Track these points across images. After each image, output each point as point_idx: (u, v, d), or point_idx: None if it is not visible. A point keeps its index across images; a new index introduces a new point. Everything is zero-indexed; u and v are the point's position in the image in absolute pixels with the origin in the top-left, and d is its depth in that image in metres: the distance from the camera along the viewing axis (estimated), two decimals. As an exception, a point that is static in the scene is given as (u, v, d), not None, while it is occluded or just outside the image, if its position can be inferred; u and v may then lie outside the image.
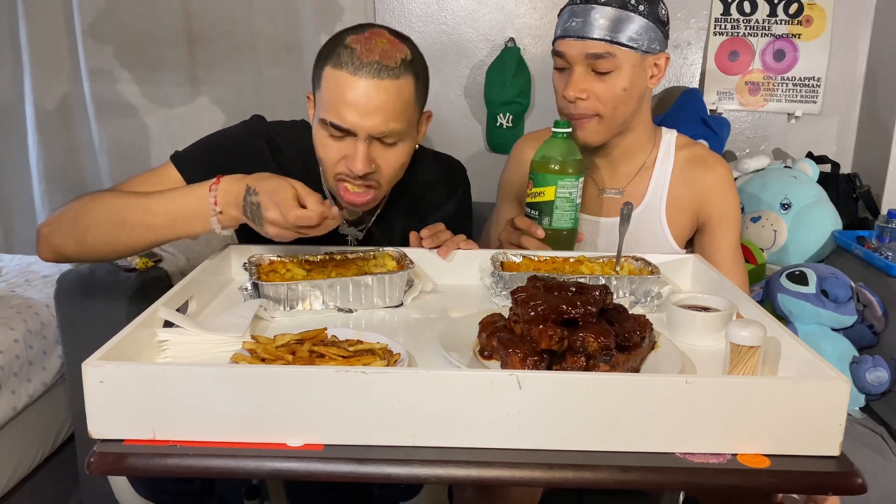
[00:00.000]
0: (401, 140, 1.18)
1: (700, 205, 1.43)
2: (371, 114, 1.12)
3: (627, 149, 1.43)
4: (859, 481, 0.76)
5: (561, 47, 1.32)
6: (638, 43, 1.29)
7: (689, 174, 1.43)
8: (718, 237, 1.43)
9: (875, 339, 1.68)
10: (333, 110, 1.13)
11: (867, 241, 1.87)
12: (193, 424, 0.77)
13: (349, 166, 1.16)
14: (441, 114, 2.23)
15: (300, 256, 1.20)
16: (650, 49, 1.31)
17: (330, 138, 1.17)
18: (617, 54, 1.28)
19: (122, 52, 2.22)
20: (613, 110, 1.32)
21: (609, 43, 1.28)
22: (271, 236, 1.07)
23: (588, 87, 1.31)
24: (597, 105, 1.32)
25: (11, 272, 2.11)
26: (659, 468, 0.77)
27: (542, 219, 1.29)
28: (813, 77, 2.19)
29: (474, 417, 0.77)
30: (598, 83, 1.30)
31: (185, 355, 0.91)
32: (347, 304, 1.11)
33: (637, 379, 0.80)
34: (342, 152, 1.17)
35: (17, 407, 1.70)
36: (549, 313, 0.89)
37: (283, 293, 1.08)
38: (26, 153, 2.31)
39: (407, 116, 1.17)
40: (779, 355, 0.94)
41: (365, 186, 1.20)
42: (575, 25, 1.29)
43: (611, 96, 1.31)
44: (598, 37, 1.27)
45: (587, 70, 1.30)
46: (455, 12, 2.19)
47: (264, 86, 2.23)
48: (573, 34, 1.29)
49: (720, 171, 1.43)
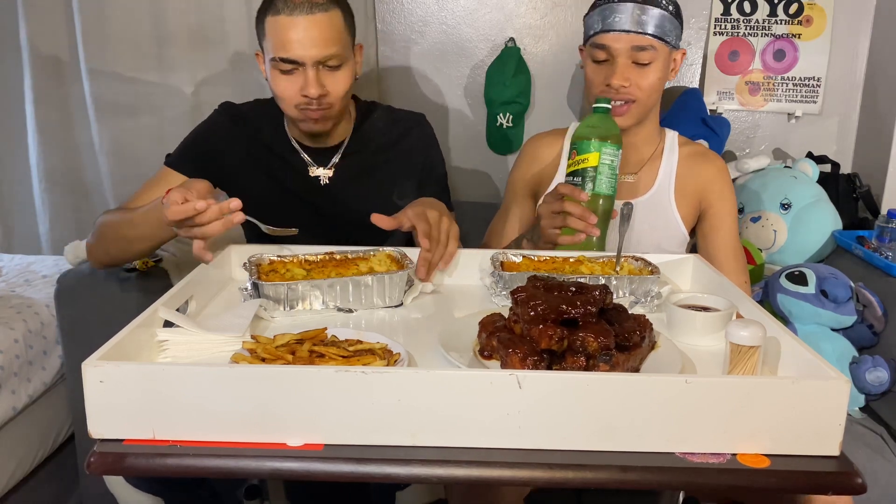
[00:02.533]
0: (343, 63, 1.36)
1: (703, 193, 1.56)
2: (313, 43, 1.30)
3: (643, 137, 1.55)
4: (859, 481, 0.76)
5: (604, 41, 1.44)
6: (669, 37, 1.45)
7: (693, 166, 1.56)
8: (718, 221, 1.55)
9: (875, 339, 1.68)
10: (281, 48, 1.31)
11: (867, 241, 1.87)
12: (193, 424, 0.77)
13: (304, 93, 1.34)
14: (441, 113, 2.23)
15: (300, 256, 1.21)
16: (676, 44, 1.48)
17: (282, 76, 1.34)
18: (657, 47, 1.43)
19: (122, 52, 2.21)
20: (648, 97, 1.46)
21: (652, 37, 1.42)
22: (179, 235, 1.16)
23: (630, 77, 1.43)
24: (636, 92, 1.44)
25: (11, 272, 2.11)
26: (659, 468, 0.77)
27: (584, 185, 1.33)
28: (813, 77, 2.19)
29: (474, 417, 0.77)
30: (638, 73, 1.44)
31: (185, 355, 0.91)
32: (347, 303, 1.12)
33: (637, 379, 0.80)
34: (296, 84, 1.34)
35: (17, 407, 1.70)
36: (549, 313, 0.89)
37: (282, 293, 1.08)
38: (26, 153, 2.31)
39: (342, 41, 1.35)
40: (779, 355, 0.94)
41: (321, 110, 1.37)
42: (619, 20, 1.42)
43: (649, 84, 1.45)
44: (643, 31, 1.41)
45: (629, 61, 1.43)
46: (455, 12, 2.19)
47: (264, 85, 2.22)
48: (618, 28, 1.42)
49: (719, 164, 1.58)
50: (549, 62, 2.20)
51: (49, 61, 2.23)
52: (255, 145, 1.50)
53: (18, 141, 2.32)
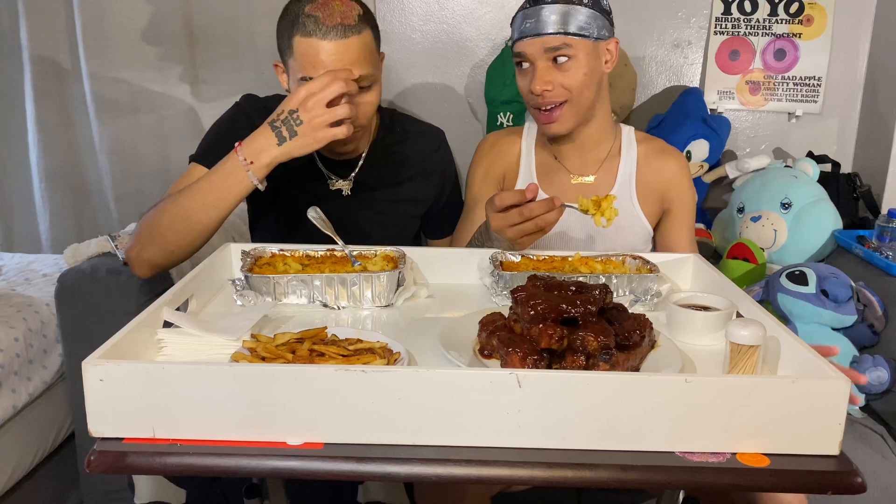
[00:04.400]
0: (373, 83, 1.33)
1: (664, 191, 1.54)
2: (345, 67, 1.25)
3: (594, 136, 1.52)
4: (859, 480, 0.76)
5: (520, 48, 1.42)
6: (588, 31, 1.39)
7: (654, 163, 1.54)
8: (679, 221, 1.55)
9: (875, 339, 1.68)
10: (311, 69, 1.26)
11: (867, 241, 1.87)
12: (193, 423, 0.77)
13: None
14: (441, 113, 2.23)
15: (301, 252, 1.21)
16: (600, 36, 1.41)
17: None
18: (572, 44, 1.38)
19: (122, 51, 2.22)
20: (579, 95, 1.41)
21: (563, 35, 1.38)
22: (319, 126, 1.17)
23: (552, 79, 1.39)
24: (564, 92, 1.40)
25: (12, 271, 2.11)
26: (659, 467, 0.77)
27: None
28: (813, 76, 2.19)
29: (474, 416, 0.77)
30: (559, 74, 1.40)
31: (185, 355, 0.91)
32: (334, 301, 1.12)
33: (637, 378, 0.80)
34: None
35: (18, 405, 1.70)
36: (549, 312, 0.89)
37: (269, 286, 1.09)
38: (26, 153, 2.31)
39: (373, 61, 1.32)
40: (778, 354, 0.94)
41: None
42: (529, 26, 1.39)
43: (574, 83, 1.40)
44: (553, 31, 1.37)
45: (548, 64, 1.40)
46: (456, 11, 2.19)
47: (264, 85, 2.22)
48: (529, 34, 1.39)
49: (681, 160, 1.56)
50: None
51: (49, 61, 2.24)
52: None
53: (19, 140, 2.32)
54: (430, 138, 1.59)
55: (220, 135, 1.42)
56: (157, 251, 1.28)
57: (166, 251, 1.28)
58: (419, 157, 1.55)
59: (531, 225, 1.18)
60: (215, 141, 1.41)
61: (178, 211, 1.25)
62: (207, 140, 1.44)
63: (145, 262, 1.30)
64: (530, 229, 1.19)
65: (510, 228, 1.19)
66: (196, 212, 1.23)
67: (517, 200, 1.19)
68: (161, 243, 1.27)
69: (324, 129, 1.18)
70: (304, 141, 1.19)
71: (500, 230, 1.21)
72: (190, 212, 1.24)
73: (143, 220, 1.31)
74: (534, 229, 1.19)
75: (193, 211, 1.23)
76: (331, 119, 1.17)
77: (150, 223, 1.28)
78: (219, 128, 1.45)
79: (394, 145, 1.53)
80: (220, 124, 1.46)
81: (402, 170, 1.53)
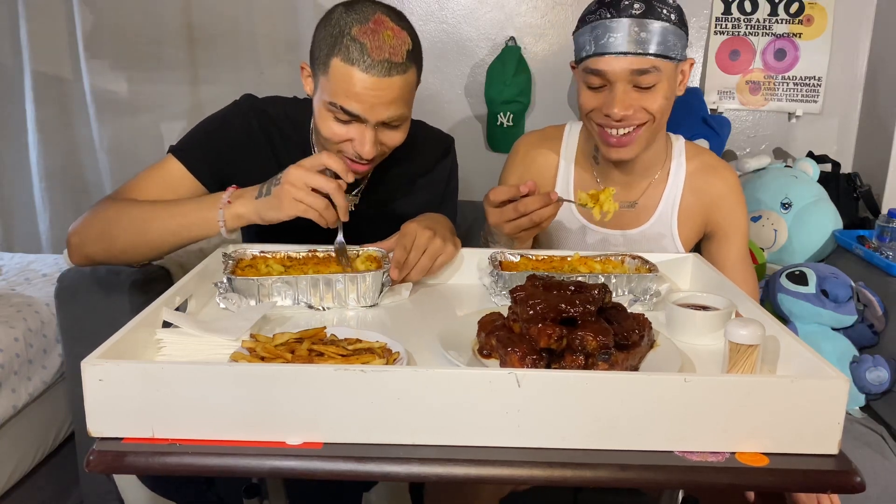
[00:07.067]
0: (404, 121, 1.25)
1: (709, 214, 1.43)
2: (383, 105, 1.17)
3: (647, 160, 1.41)
4: (858, 480, 0.76)
5: (599, 65, 1.26)
6: (675, 52, 1.26)
7: (699, 183, 1.43)
8: (727, 247, 1.44)
9: (875, 339, 1.68)
10: (344, 98, 1.17)
11: (867, 241, 1.87)
12: (193, 423, 0.77)
13: (357, 150, 1.21)
14: (441, 113, 2.23)
15: (282, 253, 1.20)
16: (682, 57, 1.30)
17: (336, 121, 1.20)
18: (661, 67, 1.25)
19: (122, 51, 2.22)
20: (660, 119, 1.30)
21: (655, 56, 1.24)
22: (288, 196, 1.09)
23: (632, 104, 1.27)
24: (644, 116, 1.28)
25: (12, 271, 2.12)
26: (658, 466, 0.77)
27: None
28: (814, 76, 2.19)
29: (473, 416, 0.77)
30: (639, 96, 1.27)
31: (184, 355, 0.91)
32: (319, 301, 1.11)
33: (636, 378, 0.80)
34: (348, 135, 1.21)
35: (18, 405, 1.70)
36: (548, 312, 0.89)
37: (253, 288, 1.08)
38: (26, 153, 2.31)
39: (410, 100, 1.23)
40: (778, 354, 0.94)
41: (368, 164, 1.25)
42: (614, 41, 1.23)
43: (655, 107, 1.28)
44: (642, 51, 1.23)
45: (629, 86, 1.26)
46: (456, 11, 2.19)
47: (264, 85, 2.23)
48: (614, 50, 1.24)
49: (730, 180, 1.43)
50: (549, 61, 2.20)
51: (49, 61, 2.24)
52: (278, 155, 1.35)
53: (18, 139, 2.33)
54: (438, 144, 1.51)
55: (209, 132, 1.35)
56: (101, 250, 1.24)
57: (110, 253, 1.24)
58: (427, 165, 1.47)
59: (526, 220, 1.18)
60: (200, 138, 1.34)
61: (138, 222, 1.20)
62: (193, 134, 1.36)
63: (84, 256, 1.27)
64: (525, 225, 1.19)
65: (506, 224, 1.20)
66: (155, 230, 1.19)
67: (512, 195, 1.19)
68: (108, 244, 1.23)
69: (293, 203, 1.10)
70: (272, 203, 1.11)
71: (497, 225, 1.22)
72: (150, 227, 1.19)
73: (99, 211, 1.24)
74: (529, 224, 1.18)
75: (153, 228, 1.19)
76: (304, 200, 1.09)
77: (105, 219, 1.23)
78: (208, 125, 1.37)
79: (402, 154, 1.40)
80: (210, 121, 1.37)
81: (409, 181, 1.45)
